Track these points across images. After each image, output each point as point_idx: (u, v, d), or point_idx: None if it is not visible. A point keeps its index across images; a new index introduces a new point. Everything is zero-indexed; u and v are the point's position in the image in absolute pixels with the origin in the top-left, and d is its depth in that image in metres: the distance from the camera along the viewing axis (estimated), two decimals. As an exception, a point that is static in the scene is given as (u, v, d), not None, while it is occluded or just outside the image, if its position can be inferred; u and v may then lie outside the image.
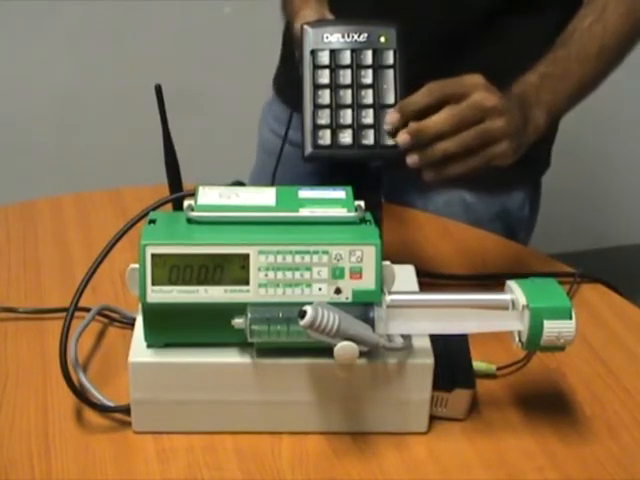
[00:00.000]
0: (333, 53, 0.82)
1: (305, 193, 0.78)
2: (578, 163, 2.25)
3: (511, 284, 0.74)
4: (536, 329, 0.71)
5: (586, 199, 2.31)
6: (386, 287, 0.73)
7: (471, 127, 0.79)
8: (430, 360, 0.74)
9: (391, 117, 0.80)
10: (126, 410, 0.76)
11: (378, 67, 0.82)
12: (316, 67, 0.82)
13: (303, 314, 0.67)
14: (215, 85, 1.94)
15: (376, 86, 0.82)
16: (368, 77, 0.82)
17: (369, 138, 0.81)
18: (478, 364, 0.82)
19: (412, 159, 0.80)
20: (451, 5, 1.01)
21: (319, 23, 0.85)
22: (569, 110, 0.95)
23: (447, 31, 1.04)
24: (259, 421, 0.77)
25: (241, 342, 0.73)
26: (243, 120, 1.42)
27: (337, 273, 0.72)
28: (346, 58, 0.82)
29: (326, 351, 0.69)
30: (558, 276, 0.91)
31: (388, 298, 0.72)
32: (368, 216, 0.76)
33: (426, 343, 0.75)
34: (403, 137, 0.79)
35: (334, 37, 0.83)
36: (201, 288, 0.72)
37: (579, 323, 0.71)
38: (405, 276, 0.84)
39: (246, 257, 0.72)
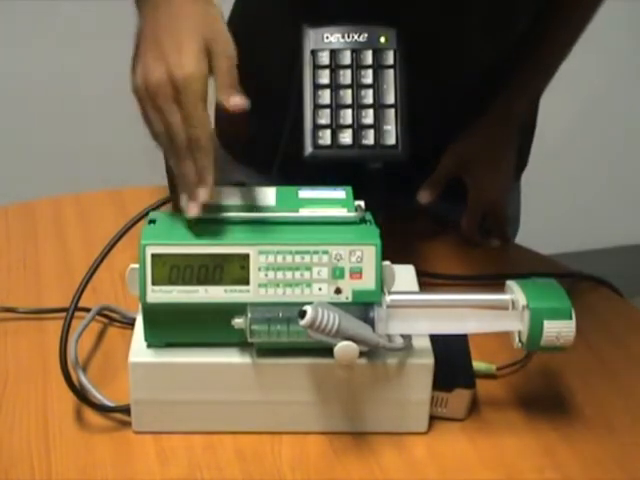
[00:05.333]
0: (333, 53, 0.82)
1: (305, 193, 0.78)
2: (578, 163, 2.25)
3: (511, 284, 0.74)
4: (536, 329, 0.71)
5: (586, 199, 2.31)
6: (386, 287, 0.73)
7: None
8: (430, 360, 0.74)
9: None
10: (126, 410, 0.76)
11: (378, 67, 0.82)
12: (316, 67, 0.82)
13: (303, 314, 0.67)
14: (214, 85, 1.93)
15: (376, 86, 0.82)
16: (368, 77, 0.82)
17: (369, 138, 0.81)
18: (478, 364, 0.82)
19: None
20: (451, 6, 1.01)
21: (319, 23, 0.84)
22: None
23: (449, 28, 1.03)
24: (259, 421, 0.77)
25: (241, 342, 0.73)
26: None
27: (337, 273, 0.72)
28: (346, 58, 0.82)
29: (326, 351, 0.70)
30: (558, 276, 0.91)
31: (388, 298, 0.72)
32: (368, 216, 0.76)
33: (426, 343, 0.75)
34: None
35: (334, 37, 0.83)
36: (201, 288, 0.72)
37: (579, 323, 0.71)
38: (405, 276, 0.84)
39: (246, 257, 0.71)
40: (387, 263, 0.74)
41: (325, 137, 0.81)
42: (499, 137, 1.04)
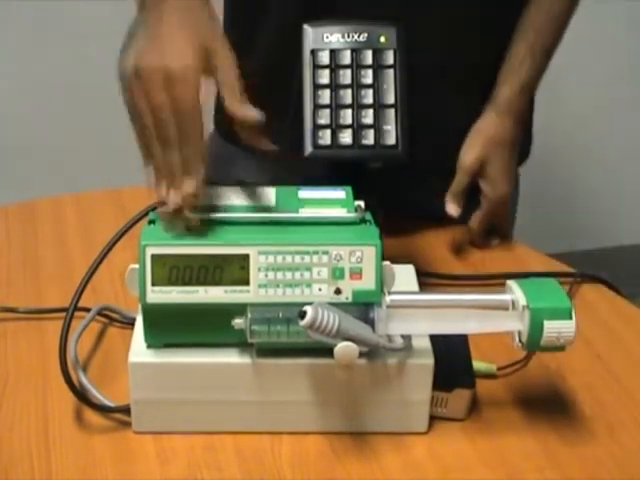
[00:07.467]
0: (333, 53, 0.83)
1: (305, 193, 0.78)
2: (578, 163, 2.25)
3: (511, 284, 0.74)
4: (536, 329, 0.71)
5: (586, 199, 2.31)
6: (386, 287, 0.73)
7: None
8: (430, 360, 0.74)
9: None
10: (126, 410, 0.76)
11: (378, 67, 0.82)
12: (316, 67, 0.82)
13: (303, 314, 0.67)
14: (213, 85, 1.93)
15: (376, 86, 0.82)
16: (368, 77, 0.82)
17: (369, 138, 0.81)
18: (478, 364, 0.82)
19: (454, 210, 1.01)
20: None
21: (319, 23, 0.85)
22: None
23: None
24: (259, 421, 0.77)
25: (241, 342, 0.73)
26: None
27: (337, 273, 0.72)
28: (346, 58, 0.82)
29: (326, 351, 0.69)
30: (558, 276, 0.91)
31: (388, 298, 0.72)
32: (368, 216, 0.76)
33: (426, 343, 0.75)
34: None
35: (334, 37, 0.83)
36: (201, 289, 0.72)
37: (579, 323, 0.71)
38: (405, 276, 0.84)
39: (246, 257, 0.71)
40: (387, 263, 0.74)
41: (325, 137, 0.81)
42: (506, 136, 1.04)
